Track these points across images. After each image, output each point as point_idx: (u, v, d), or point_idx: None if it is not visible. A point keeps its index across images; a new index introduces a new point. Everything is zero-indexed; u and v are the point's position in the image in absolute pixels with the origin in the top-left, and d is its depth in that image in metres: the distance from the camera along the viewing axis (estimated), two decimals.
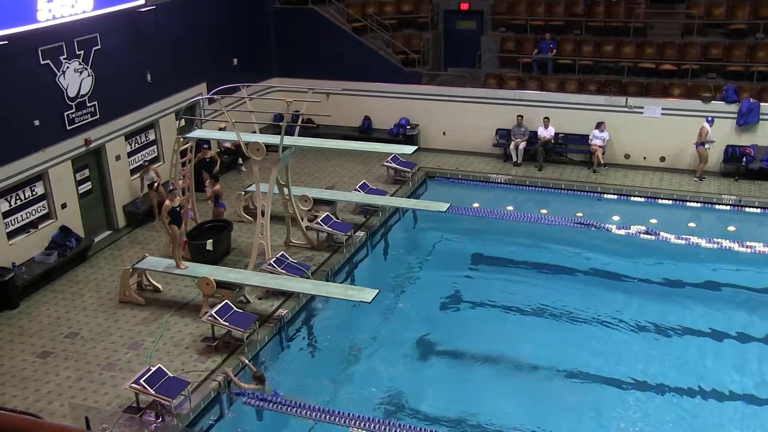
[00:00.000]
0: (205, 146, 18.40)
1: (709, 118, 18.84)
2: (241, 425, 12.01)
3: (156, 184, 17.38)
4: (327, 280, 14.88)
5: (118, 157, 17.20)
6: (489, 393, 12.49)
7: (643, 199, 18.89)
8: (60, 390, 11.82)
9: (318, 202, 17.30)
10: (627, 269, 16.07)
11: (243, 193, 17.80)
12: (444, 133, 21.86)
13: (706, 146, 18.85)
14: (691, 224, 17.56)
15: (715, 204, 18.41)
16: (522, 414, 11.88)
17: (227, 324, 12.63)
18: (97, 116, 16.44)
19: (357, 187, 18.13)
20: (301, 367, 13.62)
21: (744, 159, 18.99)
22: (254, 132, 16.00)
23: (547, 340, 13.80)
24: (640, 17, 21.19)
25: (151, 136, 18.41)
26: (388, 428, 11.25)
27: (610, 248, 16.96)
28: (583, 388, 12.53)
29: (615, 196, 19.13)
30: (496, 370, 13.10)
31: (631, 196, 19.01)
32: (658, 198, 18.81)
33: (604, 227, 17.48)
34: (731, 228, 17.44)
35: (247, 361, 12.44)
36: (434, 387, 12.63)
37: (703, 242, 16.73)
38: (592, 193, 19.28)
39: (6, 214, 14.67)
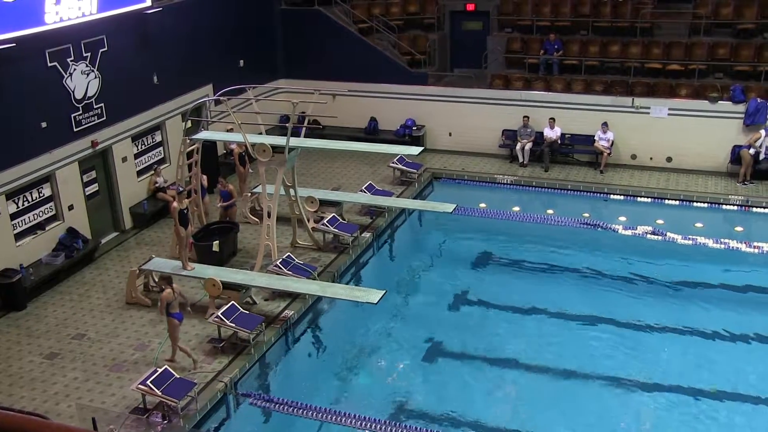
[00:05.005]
0: (232, 145, 18.56)
1: None
2: (247, 426, 12.03)
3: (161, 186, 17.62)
4: (333, 282, 14.88)
5: (124, 159, 17.25)
6: (495, 394, 12.49)
7: (649, 200, 18.83)
8: (67, 391, 11.86)
9: (324, 203, 17.30)
10: (634, 270, 16.01)
11: (249, 194, 17.83)
12: (450, 134, 21.84)
13: (751, 151, 18.69)
14: (698, 225, 17.49)
15: (723, 204, 18.34)
16: (527, 415, 11.86)
17: (234, 325, 12.65)
18: (104, 118, 16.49)
19: (363, 188, 18.12)
20: (307, 368, 13.65)
21: None
22: (260, 133, 16.03)
23: (554, 340, 13.77)
24: (647, 17, 21.12)
25: (158, 138, 18.45)
26: (393, 429, 11.24)
27: (617, 249, 16.91)
28: (588, 388, 12.50)
29: (621, 197, 19.07)
30: (502, 370, 13.09)
31: (637, 196, 18.96)
32: (665, 198, 18.74)
33: (610, 228, 17.44)
34: (739, 228, 17.38)
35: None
36: (440, 388, 12.62)
37: (710, 243, 16.67)
38: (598, 194, 19.23)
39: (13, 216, 14.72)
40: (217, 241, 15.45)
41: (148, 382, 11.11)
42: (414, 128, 21.76)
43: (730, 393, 12.18)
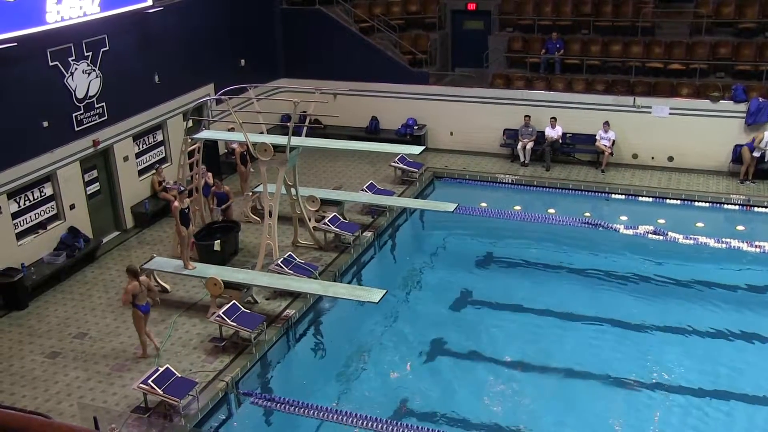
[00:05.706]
0: (233, 145, 18.63)
1: None
2: (248, 425, 12.04)
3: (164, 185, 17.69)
4: (334, 281, 14.89)
5: (126, 158, 17.26)
6: (497, 393, 12.49)
7: (650, 199, 18.83)
8: (69, 390, 11.87)
9: (325, 202, 17.31)
10: (635, 269, 16.01)
11: (250, 193, 17.84)
12: (451, 134, 21.83)
13: (754, 152, 18.65)
14: (700, 224, 17.49)
15: (724, 204, 18.33)
16: (529, 414, 11.86)
17: (235, 324, 12.65)
18: (105, 117, 16.50)
19: (364, 187, 18.13)
20: (309, 367, 13.65)
21: None
22: (262, 133, 16.04)
23: (555, 339, 13.77)
24: (648, 16, 21.11)
25: (159, 137, 18.46)
26: (395, 428, 11.24)
27: (618, 248, 16.91)
28: (590, 387, 12.50)
29: (623, 196, 19.06)
30: (504, 370, 13.08)
31: (638, 196, 18.95)
32: (666, 198, 18.74)
33: (611, 227, 17.43)
34: (740, 228, 17.37)
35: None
36: (441, 387, 12.61)
37: (711, 242, 16.67)
38: (599, 193, 19.23)
39: (15, 215, 14.73)
40: (219, 241, 15.46)
41: (149, 381, 11.12)
42: (415, 127, 21.76)
43: (733, 392, 12.17)
